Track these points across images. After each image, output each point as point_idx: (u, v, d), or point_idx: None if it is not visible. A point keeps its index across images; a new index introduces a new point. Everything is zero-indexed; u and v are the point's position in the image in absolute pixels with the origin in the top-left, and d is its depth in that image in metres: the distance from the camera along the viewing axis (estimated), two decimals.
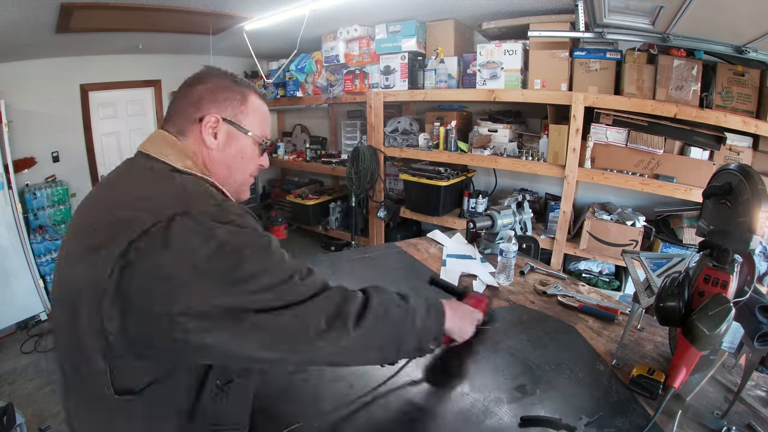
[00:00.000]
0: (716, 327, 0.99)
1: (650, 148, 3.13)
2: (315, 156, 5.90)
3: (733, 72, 2.81)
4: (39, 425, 2.72)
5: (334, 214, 5.52)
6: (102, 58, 4.93)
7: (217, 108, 1.07)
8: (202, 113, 1.06)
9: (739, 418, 1.11)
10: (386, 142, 4.65)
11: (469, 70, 3.94)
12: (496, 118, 4.10)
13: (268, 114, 1.22)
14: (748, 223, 1.02)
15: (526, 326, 1.57)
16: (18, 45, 3.82)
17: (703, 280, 1.11)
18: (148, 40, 4.54)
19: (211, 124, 1.06)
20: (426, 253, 2.27)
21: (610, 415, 1.11)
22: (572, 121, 3.25)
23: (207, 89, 1.08)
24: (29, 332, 3.96)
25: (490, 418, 1.11)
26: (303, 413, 1.14)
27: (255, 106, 1.14)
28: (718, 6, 2.24)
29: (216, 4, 3.37)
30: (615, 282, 3.49)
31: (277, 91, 5.80)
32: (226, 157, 1.10)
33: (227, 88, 1.10)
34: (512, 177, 4.39)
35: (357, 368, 1.30)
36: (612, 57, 3.17)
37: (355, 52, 4.55)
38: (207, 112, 1.06)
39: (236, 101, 1.10)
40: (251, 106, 1.13)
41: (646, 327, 1.55)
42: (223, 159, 1.09)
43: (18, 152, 4.29)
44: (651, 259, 1.47)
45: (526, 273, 2.02)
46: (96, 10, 3.21)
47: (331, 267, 2.11)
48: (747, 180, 1.04)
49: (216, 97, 1.08)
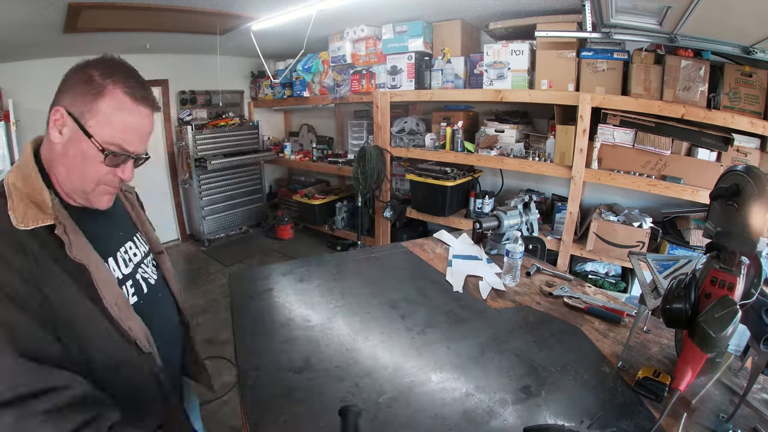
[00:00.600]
0: (723, 329, 0.98)
1: (657, 149, 3.11)
2: (321, 156, 5.92)
3: (741, 73, 2.79)
4: None
5: (340, 214, 5.53)
6: None
7: (70, 100, 0.95)
8: (56, 103, 0.96)
9: (744, 421, 1.10)
10: (393, 142, 4.65)
11: (475, 70, 3.93)
12: (502, 119, 4.09)
13: (141, 121, 1.02)
14: (756, 225, 1.02)
15: (531, 327, 1.57)
16: (26, 45, 3.86)
17: (709, 282, 1.10)
18: (156, 39, 4.57)
19: (55, 117, 0.95)
20: (432, 254, 2.27)
21: (615, 417, 1.11)
22: (579, 121, 3.23)
23: (75, 78, 0.97)
24: None
25: (494, 419, 1.11)
26: (309, 412, 1.14)
27: (115, 106, 0.96)
28: (726, 6, 2.22)
29: (223, 4, 3.38)
30: (621, 283, 3.47)
31: (284, 91, 5.82)
32: (65, 156, 0.97)
33: (89, 80, 0.95)
34: (519, 177, 4.37)
35: (362, 368, 1.31)
36: (619, 57, 3.16)
37: (361, 52, 4.55)
38: (60, 103, 0.96)
39: (89, 96, 0.94)
40: (109, 105, 0.95)
41: (652, 329, 1.54)
42: (62, 157, 0.97)
43: None
44: (658, 260, 1.46)
45: (532, 274, 2.02)
46: (103, 10, 3.22)
47: (337, 267, 2.11)
48: (754, 181, 1.04)
49: (75, 89, 0.96)
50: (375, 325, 1.58)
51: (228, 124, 5.86)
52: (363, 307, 1.71)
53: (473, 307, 1.72)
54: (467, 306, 1.72)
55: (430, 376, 1.29)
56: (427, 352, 1.41)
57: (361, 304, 1.74)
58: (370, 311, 1.68)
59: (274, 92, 6.02)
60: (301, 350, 1.43)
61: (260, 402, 1.19)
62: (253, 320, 1.62)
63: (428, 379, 1.28)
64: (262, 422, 1.13)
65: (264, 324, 1.60)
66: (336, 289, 1.89)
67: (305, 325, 1.59)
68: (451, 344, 1.46)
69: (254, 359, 1.41)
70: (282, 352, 1.43)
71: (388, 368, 1.32)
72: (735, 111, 2.82)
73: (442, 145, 4.24)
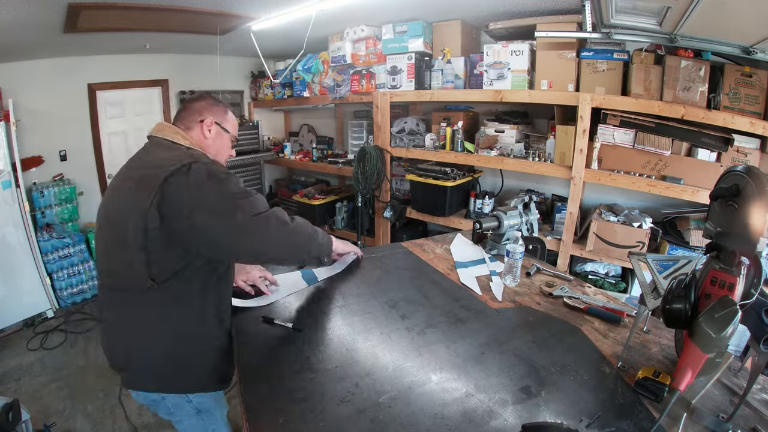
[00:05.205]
0: (722, 330, 0.99)
1: (657, 150, 3.11)
2: (321, 156, 5.91)
3: (741, 73, 2.79)
4: (44, 421, 2.75)
5: (340, 214, 5.52)
6: (109, 58, 4.96)
7: (212, 115, 1.72)
8: (203, 117, 1.70)
9: (744, 421, 1.10)
10: (393, 142, 4.64)
11: (475, 70, 3.93)
12: (502, 119, 4.09)
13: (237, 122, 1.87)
14: (756, 225, 1.02)
15: (531, 327, 1.57)
16: (26, 45, 3.86)
17: (709, 282, 1.10)
18: (156, 40, 4.57)
19: (208, 124, 1.70)
20: (432, 254, 2.27)
21: (615, 417, 1.11)
22: (579, 121, 3.23)
23: (206, 103, 1.73)
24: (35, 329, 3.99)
25: (494, 419, 1.11)
26: (309, 412, 1.14)
27: (230, 117, 1.81)
28: (726, 6, 2.22)
29: (223, 4, 3.38)
30: (621, 284, 3.47)
31: (284, 91, 5.82)
32: (214, 145, 1.73)
33: (216, 104, 1.76)
34: (519, 178, 4.37)
35: (362, 368, 1.31)
36: (619, 58, 3.15)
37: (361, 52, 4.55)
38: (205, 117, 1.70)
39: (221, 112, 1.76)
40: (229, 117, 1.80)
41: (652, 329, 1.54)
42: (212, 146, 1.72)
43: (26, 151, 4.34)
44: (658, 260, 1.46)
45: (532, 274, 2.02)
46: (103, 10, 3.22)
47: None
48: (754, 182, 1.04)
49: (211, 109, 1.73)
50: (375, 325, 1.58)
51: None
52: (363, 307, 1.71)
53: (473, 307, 1.72)
54: (467, 306, 1.73)
55: (430, 376, 1.29)
56: (427, 352, 1.41)
57: (361, 304, 1.74)
58: (370, 311, 1.68)
59: (274, 92, 6.01)
60: (301, 350, 1.43)
61: (260, 402, 1.19)
62: (253, 320, 1.62)
63: (428, 379, 1.28)
64: (262, 422, 1.13)
65: (264, 324, 1.61)
66: (336, 289, 1.89)
67: (305, 325, 1.59)
68: (451, 344, 1.46)
69: (254, 359, 1.41)
70: (282, 352, 1.43)
71: (388, 368, 1.32)
72: (735, 111, 2.82)
73: (442, 146, 4.23)
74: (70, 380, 3.33)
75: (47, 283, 4.19)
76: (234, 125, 1.82)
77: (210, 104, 1.73)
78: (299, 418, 1.12)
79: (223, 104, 1.78)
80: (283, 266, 2.01)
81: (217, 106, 1.75)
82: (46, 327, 4.04)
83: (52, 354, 3.68)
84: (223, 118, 1.75)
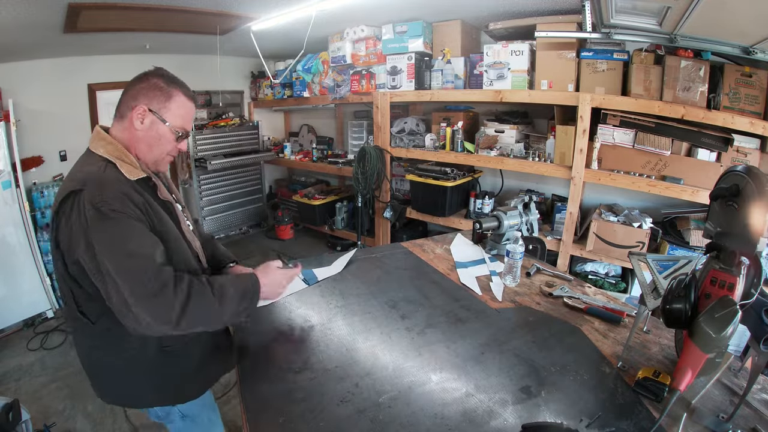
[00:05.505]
0: (722, 330, 0.99)
1: (657, 150, 3.11)
2: (321, 156, 5.92)
3: (741, 73, 2.79)
4: (44, 421, 2.74)
5: (340, 214, 5.53)
6: (109, 58, 4.95)
7: (147, 101, 1.40)
8: (136, 102, 1.40)
9: (744, 421, 1.10)
10: (393, 142, 4.65)
11: (475, 70, 3.93)
12: (502, 119, 4.09)
13: (193, 110, 1.53)
14: (755, 225, 1.02)
15: (531, 327, 1.57)
16: (26, 45, 3.85)
17: (709, 282, 1.10)
18: (156, 40, 4.57)
19: (139, 112, 1.39)
20: (432, 254, 2.27)
21: (615, 417, 1.11)
22: (579, 121, 3.23)
23: (145, 86, 1.42)
24: (35, 329, 3.98)
25: (494, 419, 1.11)
26: (309, 412, 1.14)
27: (179, 103, 1.45)
28: (726, 6, 2.22)
29: (223, 4, 3.38)
30: (621, 284, 3.47)
31: (284, 92, 5.82)
32: (147, 137, 1.43)
33: (158, 87, 1.42)
34: (519, 178, 4.37)
35: (362, 368, 1.31)
36: (619, 58, 3.16)
37: (361, 52, 4.55)
38: (139, 102, 1.40)
39: (161, 97, 1.42)
40: (173, 103, 1.44)
41: (652, 329, 1.54)
42: (145, 138, 1.43)
43: (26, 151, 4.33)
44: (658, 261, 1.46)
45: (532, 274, 2.02)
46: (103, 11, 3.22)
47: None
48: (754, 182, 1.04)
49: (148, 93, 1.41)
50: (375, 325, 1.58)
51: (228, 125, 5.87)
52: (363, 307, 1.71)
53: (473, 307, 1.72)
54: (467, 306, 1.73)
55: (430, 376, 1.29)
56: (427, 352, 1.41)
57: (361, 304, 1.74)
58: (370, 311, 1.68)
59: (274, 92, 6.01)
60: (301, 350, 1.43)
61: (260, 402, 1.19)
62: (253, 321, 1.62)
63: (428, 379, 1.28)
64: (262, 422, 1.13)
65: (264, 324, 1.61)
66: (336, 289, 1.89)
67: (305, 325, 1.59)
68: (451, 344, 1.46)
69: (254, 359, 1.41)
70: (282, 352, 1.43)
71: (388, 368, 1.32)
72: (735, 111, 2.82)
73: (442, 146, 4.24)
74: (70, 380, 3.32)
75: (47, 283, 4.18)
76: (180, 114, 1.46)
77: (149, 87, 1.42)
78: (299, 418, 1.12)
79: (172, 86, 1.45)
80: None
81: (157, 90, 1.42)
82: (46, 327, 4.03)
83: (52, 354, 3.67)
84: (163, 105, 1.42)
